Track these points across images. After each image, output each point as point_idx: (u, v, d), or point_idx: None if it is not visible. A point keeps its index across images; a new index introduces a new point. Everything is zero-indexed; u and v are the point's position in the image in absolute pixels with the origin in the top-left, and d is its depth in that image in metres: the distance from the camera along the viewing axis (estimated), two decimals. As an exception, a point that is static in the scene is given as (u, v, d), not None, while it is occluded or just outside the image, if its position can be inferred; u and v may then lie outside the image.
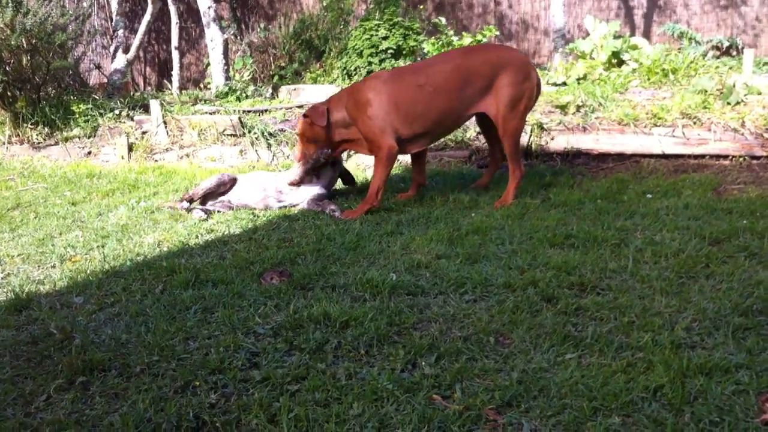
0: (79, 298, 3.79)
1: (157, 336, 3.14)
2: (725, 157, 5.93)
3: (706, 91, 6.49)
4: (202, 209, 5.41)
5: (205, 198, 5.67)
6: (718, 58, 10.25)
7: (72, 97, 9.49)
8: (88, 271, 4.21)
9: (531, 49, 12.32)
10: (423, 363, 2.75)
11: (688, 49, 9.71)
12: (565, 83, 8.01)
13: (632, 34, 11.40)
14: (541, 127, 6.47)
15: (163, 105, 8.51)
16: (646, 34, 11.67)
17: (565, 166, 6.21)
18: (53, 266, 4.44)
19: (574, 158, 6.32)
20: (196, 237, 4.87)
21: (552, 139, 6.44)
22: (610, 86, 7.20)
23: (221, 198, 5.65)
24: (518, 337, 2.93)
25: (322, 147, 5.53)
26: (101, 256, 4.53)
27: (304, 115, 5.58)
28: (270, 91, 10.18)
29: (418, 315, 3.23)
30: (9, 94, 8.97)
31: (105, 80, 11.61)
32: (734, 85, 6.41)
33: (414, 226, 4.78)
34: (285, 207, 5.60)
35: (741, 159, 5.87)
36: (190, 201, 5.64)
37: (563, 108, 6.70)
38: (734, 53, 10.81)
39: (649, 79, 7.58)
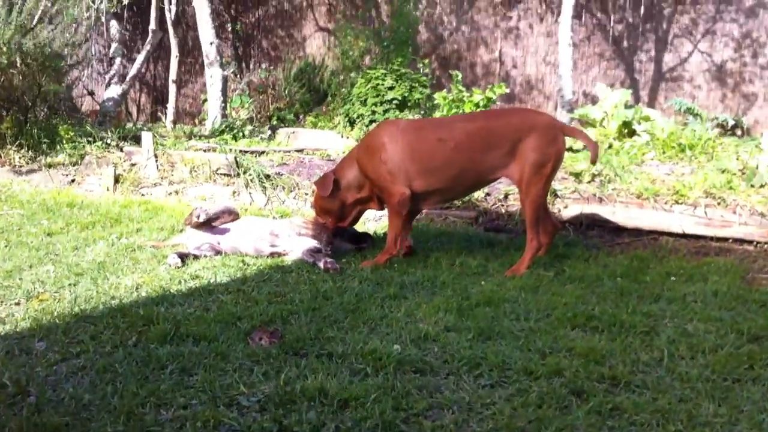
0: (41, 344, 3.35)
1: (125, 399, 2.70)
2: (749, 242, 5.57)
3: (728, 171, 6.17)
4: (178, 255, 4.96)
5: (204, 225, 5.25)
6: (722, 136, 9.99)
7: (61, 122, 9.10)
8: (56, 313, 3.77)
9: (532, 111, 12.05)
10: (437, 464, 2.32)
11: (693, 125, 9.43)
12: (571, 149, 7.69)
13: (636, 103, 11.16)
14: (554, 194, 6.12)
15: (156, 137, 8.13)
16: (651, 106, 11.42)
17: (578, 236, 5.84)
18: (17, 303, 4.00)
19: (588, 229, 5.96)
20: (179, 283, 4.43)
21: (565, 207, 6.08)
22: (625, 157, 6.88)
23: (210, 240, 5.22)
24: (548, 439, 2.51)
25: (336, 216, 5.36)
26: (72, 296, 4.09)
27: (315, 184, 5.44)
28: (268, 132, 9.84)
29: (428, 399, 2.81)
30: (-6, 113, 8.58)
31: (97, 107, 11.25)
32: (757, 167, 6.10)
33: (418, 290, 4.37)
34: (277, 253, 5.19)
35: (766, 245, 5.52)
36: (194, 225, 5.26)
37: (577, 176, 6.36)
38: (739, 132, 10.56)
39: (664, 152, 7.28)
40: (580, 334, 3.62)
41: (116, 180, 7.63)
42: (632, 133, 8.31)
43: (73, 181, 8.02)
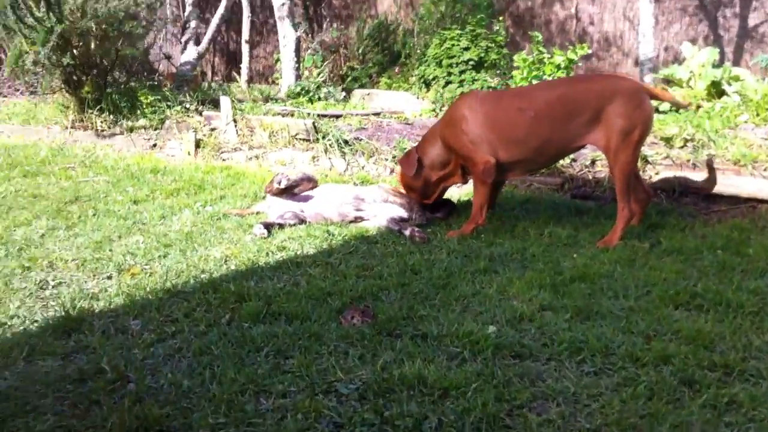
0: (136, 323, 3.36)
1: (224, 386, 2.68)
2: None
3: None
4: (263, 224, 4.93)
5: (285, 192, 5.24)
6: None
7: (140, 85, 9.16)
8: (148, 288, 3.78)
9: (609, 69, 11.64)
10: (548, 463, 2.23)
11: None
12: (657, 110, 7.37)
13: (721, 62, 10.66)
14: (645, 159, 5.88)
15: (234, 102, 8.10)
16: (736, 64, 10.89)
17: (672, 204, 5.60)
18: (109, 277, 4.03)
19: (681, 196, 5.71)
20: (266, 255, 4.41)
21: (657, 173, 5.83)
22: (717, 120, 6.57)
23: (293, 208, 5.18)
24: (664, 437, 2.38)
25: (421, 193, 5.32)
26: (163, 269, 4.10)
27: (399, 163, 5.43)
28: (342, 93, 9.74)
29: (530, 389, 2.71)
30: (75, 78, 8.63)
31: (174, 70, 11.30)
32: None
33: (508, 263, 4.25)
34: (360, 218, 5.13)
35: None
36: (275, 192, 5.27)
37: (668, 141, 6.09)
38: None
39: (758, 114, 6.92)
40: (684, 314, 3.46)
41: (197, 145, 7.65)
42: (721, 93, 7.93)
43: (154, 145, 8.07)
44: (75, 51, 8.31)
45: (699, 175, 5.67)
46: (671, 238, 4.70)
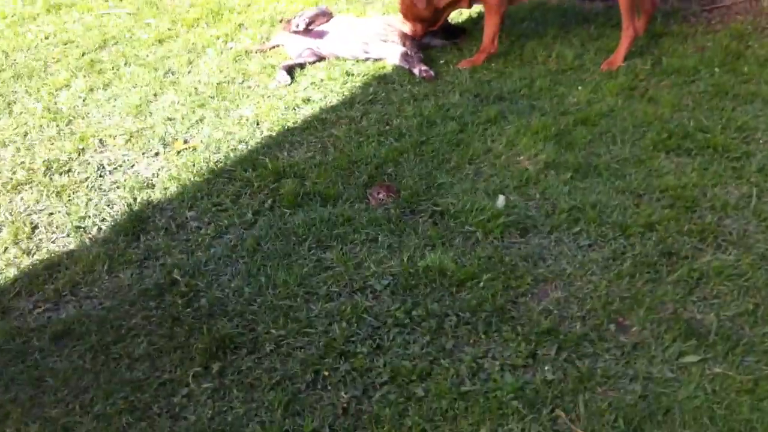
0: (192, 215, 3.84)
1: (279, 290, 3.21)
2: None
3: None
4: (285, 69, 5.24)
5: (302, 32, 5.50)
6: None
7: None
8: (194, 169, 4.22)
9: None
10: (543, 356, 2.79)
11: None
12: None
13: None
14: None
15: None
16: None
17: (677, 1, 5.70)
18: (156, 154, 4.46)
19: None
20: (294, 111, 4.78)
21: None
22: None
23: (310, 45, 5.44)
24: (638, 322, 2.90)
25: (428, 21, 5.34)
26: (203, 142, 4.50)
27: None
28: None
29: (532, 272, 3.21)
30: None
31: None
32: None
33: (516, 102, 4.59)
34: (370, 59, 5.40)
35: None
36: (293, 32, 5.52)
37: (678, -75, 6.03)
38: None
39: None
40: (673, 163, 3.86)
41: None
42: None
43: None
44: None
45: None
46: (672, 54, 4.95)
